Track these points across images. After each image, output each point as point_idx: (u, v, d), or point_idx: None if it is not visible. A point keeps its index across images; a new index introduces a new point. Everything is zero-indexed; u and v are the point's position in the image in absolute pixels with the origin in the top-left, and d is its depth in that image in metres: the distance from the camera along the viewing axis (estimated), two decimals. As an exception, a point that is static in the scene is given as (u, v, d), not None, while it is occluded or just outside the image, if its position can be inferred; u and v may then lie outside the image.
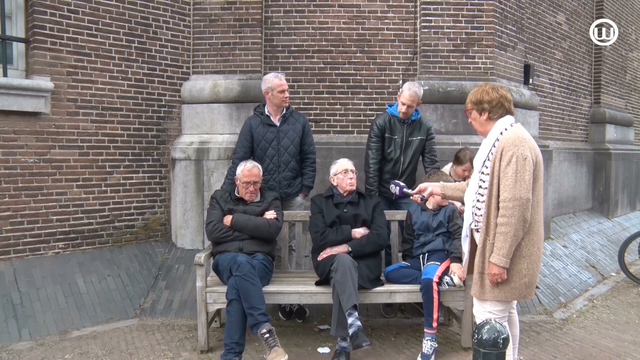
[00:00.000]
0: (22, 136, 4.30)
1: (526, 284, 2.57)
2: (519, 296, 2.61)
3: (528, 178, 2.48)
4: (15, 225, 4.28)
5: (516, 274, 2.55)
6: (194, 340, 3.92)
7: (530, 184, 2.48)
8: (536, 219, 2.57)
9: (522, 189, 2.46)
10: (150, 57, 5.08)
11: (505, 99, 2.67)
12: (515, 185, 2.47)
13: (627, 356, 3.73)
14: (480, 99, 2.68)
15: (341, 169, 3.96)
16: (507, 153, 2.51)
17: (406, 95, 4.14)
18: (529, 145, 2.54)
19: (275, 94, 4.13)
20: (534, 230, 2.56)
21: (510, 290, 2.57)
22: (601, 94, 8.52)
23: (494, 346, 2.76)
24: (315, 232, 3.87)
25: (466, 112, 2.79)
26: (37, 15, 4.35)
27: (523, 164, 2.48)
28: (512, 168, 2.48)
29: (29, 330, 3.97)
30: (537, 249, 2.57)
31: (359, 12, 5.41)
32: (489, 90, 2.68)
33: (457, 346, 3.85)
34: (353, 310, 3.36)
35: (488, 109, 2.66)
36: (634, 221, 8.68)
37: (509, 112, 2.68)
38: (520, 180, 2.47)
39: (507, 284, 2.56)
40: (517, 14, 5.96)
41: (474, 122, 2.76)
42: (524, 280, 2.55)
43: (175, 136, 5.32)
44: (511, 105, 2.69)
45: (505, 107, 2.66)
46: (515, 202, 2.46)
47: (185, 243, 5.20)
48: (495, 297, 2.60)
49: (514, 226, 2.47)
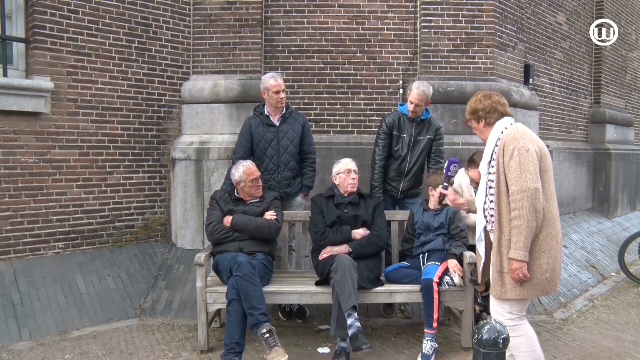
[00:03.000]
0: (22, 136, 4.30)
1: (548, 278, 2.55)
2: (542, 292, 2.59)
3: (533, 168, 2.48)
4: (15, 225, 4.28)
5: (537, 270, 2.53)
6: (194, 340, 3.92)
7: (535, 174, 2.48)
8: (551, 212, 2.56)
9: (528, 179, 2.47)
10: (150, 57, 5.08)
11: (499, 103, 2.74)
12: (521, 177, 2.48)
13: (627, 356, 3.73)
14: (475, 107, 2.79)
15: (344, 169, 3.95)
16: (508, 147, 2.55)
17: (414, 94, 4.15)
18: (530, 138, 2.57)
19: (271, 94, 4.13)
20: (550, 224, 2.55)
21: (533, 286, 2.55)
22: (601, 94, 8.52)
23: (494, 346, 2.76)
24: (315, 232, 3.87)
25: (466, 123, 2.89)
26: (37, 15, 4.35)
27: (525, 155, 2.50)
28: (515, 161, 2.51)
29: (29, 330, 3.97)
30: (556, 242, 2.56)
31: (359, 12, 5.41)
32: (481, 99, 2.78)
33: (457, 346, 3.85)
34: (352, 311, 3.36)
35: (483, 116, 2.76)
36: (634, 221, 8.68)
37: (504, 115, 2.74)
38: (524, 172, 2.48)
39: (529, 281, 2.53)
40: (517, 14, 5.96)
41: (476, 131, 2.85)
42: (546, 275, 2.54)
43: (175, 136, 5.32)
44: (506, 108, 2.75)
45: (499, 111, 2.73)
46: (523, 194, 2.47)
47: (185, 243, 5.20)
48: (518, 294, 2.56)
49: (526, 217, 2.46)
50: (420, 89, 4.15)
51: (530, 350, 2.64)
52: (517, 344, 2.62)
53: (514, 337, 2.59)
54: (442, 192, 3.09)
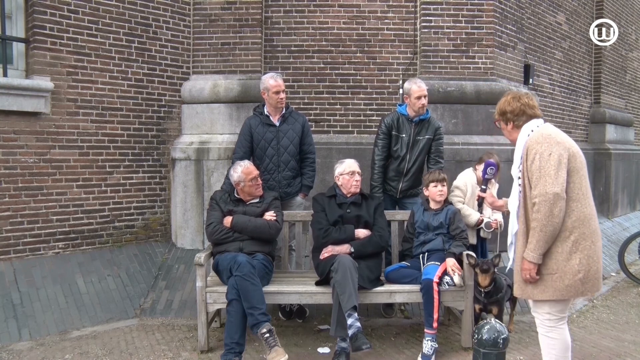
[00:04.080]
0: (22, 136, 4.30)
1: (581, 279, 2.50)
2: (576, 293, 2.54)
3: (553, 173, 2.47)
4: (15, 225, 4.28)
5: (569, 271, 2.50)
6: (194, 340, 3.92)
7: (555, 178, 2.47)
8: (584, 212, 2.54)
9: (547, 183, 2.46)
10: (150, 57, 5.08)
11: (528, 105, 2.73)
12: (540, 181, 2.49)
13: (627, 356, 3.73)
14: (504, 109, 2.77)
15: (348, 170, 3.95)
16: (531, 152, 2.56)
17: (416, 89, 4.15)
18: (556, 140, 2.55)
19: (271, 94, 4.13)
20: (583, 224, 2.52)
21: (566, 287, 2.51)
22: (601, 94, 8.51)
23: (494, 346, 2.77)
24: (319, 229, 3.86)
25: (495, 122, 2.90)
26: (37, 15, 4.34)
27: (547, 159, 2.49)
28: (536, 165, 2.51)
29: (29, 330, 3.97)
30: (591, 242, 2.52)
31: (359, 12, 5.41)
32: (510, 101, 2.76)
33: (457, 346, 3.85)
34: (353, 311, 3.36)
35: (512, 119, 2.75)
36: (634, 221, 8.67)
37: (533, 117, 2.73)
38: (544, 176, 2.48)
39: (561, 282, 2.51)
40: (517, 14, 5.96)
41: (504, 132, 2.86)
42: (578, 276, 2.49)
43: (175, 136, 5.32)
44: (535, 110, 2.74)
45: (528, 114, 2.72)
46: (540, 198, 2.47)
47: (185, 243, 5.20)
48: (551, 295, 2.54)
49: (540, 221, 2.47)
50: (418, 83, 4.19)
51: (560, 356, 2.62)
52: (550, 345, 2.63)
53: (549, 338, 2.62)
54: (480, 195, 3.11)
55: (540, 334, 2.67)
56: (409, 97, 4.20)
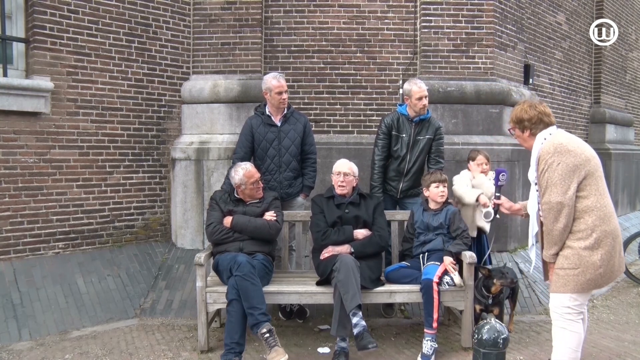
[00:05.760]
0: (22, 136, 4.30)
1: (601, 274, 2.67)
2: (595, 286, 2.72)
3: (559, 183, 2.62)
4: (15, 225, 4.28)
5: (590, 266, 2.65)
6: (194, 340, 3.92)
7: (561, 187, 2.61)
8: (604, 211, 2.66)
9: (553, 193, 2.63)
10: (150, 57, 5.08)
11: (544, 114, 2.82)
12: (547, 191, 2.66)
13: (627, 356, 3.73)
14: (521, 117, 2.85)
15: (335, 170, 3.96)
16: (542, 162, 2.70)
17: (416, 90, 4.15)
18: (567, 149, 2.65)
19: (273, 95, 4.13)
20: (605, 222, 2.66)
21: (587, 281, 2.67)
22: (601, 94, 8.52)
23: (494, 346, 2.77)
24: (317, 232, 3.87)
25: (510, 130, 2.98)
26: (37, 15, 4.34)
27: (555, 169, 2.63)
28: (545, 176, 2.67)
29: (29, 330, 3.97)
30: (611, 239, 2.67)
31: (359, 12, 5.41)
32: (527, 109, 2.84)
33: (457, 346, 3.85)
34: (357, 310, 3.36)
35: (529, 127, 2.84)
36: (634, 221, 8.67)
37: (549, 124, 2.82)
38: (551, 186, 2.64)
39: (583, 276, 2.65)
40: (517, 14, 5.96)
41: (519, 139, 2.94)
42: (599, 271, 2.65)
43: (175, 136, 5.32)
44: (551, 118, 2.84)
45: (544, 122, 2.81)
46: (546, 206, 2.67)
47: (185, 243, 5.20)
48: (572, 289, 2.69)
49: (547, 226, 2.70)
50: (418, 83, 4.20)
51: (573, 349, 2.74)
52: (566, 338, 2.74)
53: (567, 331, 2.73)
54: (496, 202, 3.17)
55: (558, 327, 2.78)
56: (409, 98, 4.20)
